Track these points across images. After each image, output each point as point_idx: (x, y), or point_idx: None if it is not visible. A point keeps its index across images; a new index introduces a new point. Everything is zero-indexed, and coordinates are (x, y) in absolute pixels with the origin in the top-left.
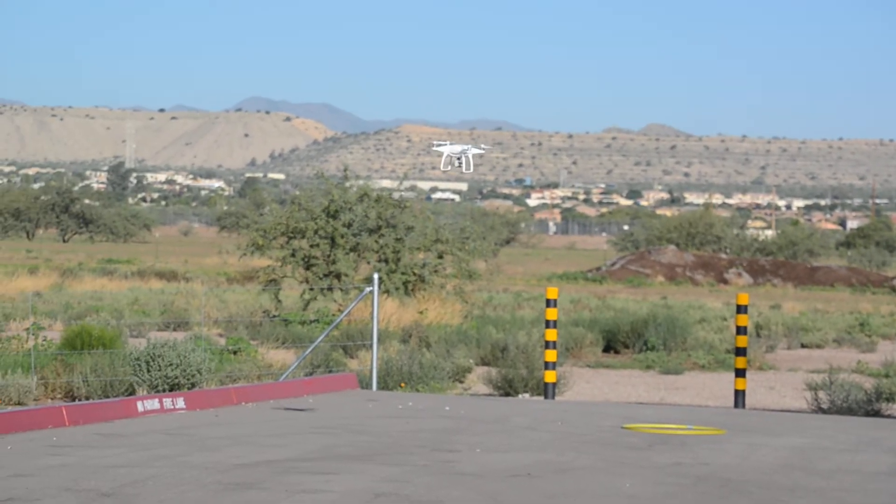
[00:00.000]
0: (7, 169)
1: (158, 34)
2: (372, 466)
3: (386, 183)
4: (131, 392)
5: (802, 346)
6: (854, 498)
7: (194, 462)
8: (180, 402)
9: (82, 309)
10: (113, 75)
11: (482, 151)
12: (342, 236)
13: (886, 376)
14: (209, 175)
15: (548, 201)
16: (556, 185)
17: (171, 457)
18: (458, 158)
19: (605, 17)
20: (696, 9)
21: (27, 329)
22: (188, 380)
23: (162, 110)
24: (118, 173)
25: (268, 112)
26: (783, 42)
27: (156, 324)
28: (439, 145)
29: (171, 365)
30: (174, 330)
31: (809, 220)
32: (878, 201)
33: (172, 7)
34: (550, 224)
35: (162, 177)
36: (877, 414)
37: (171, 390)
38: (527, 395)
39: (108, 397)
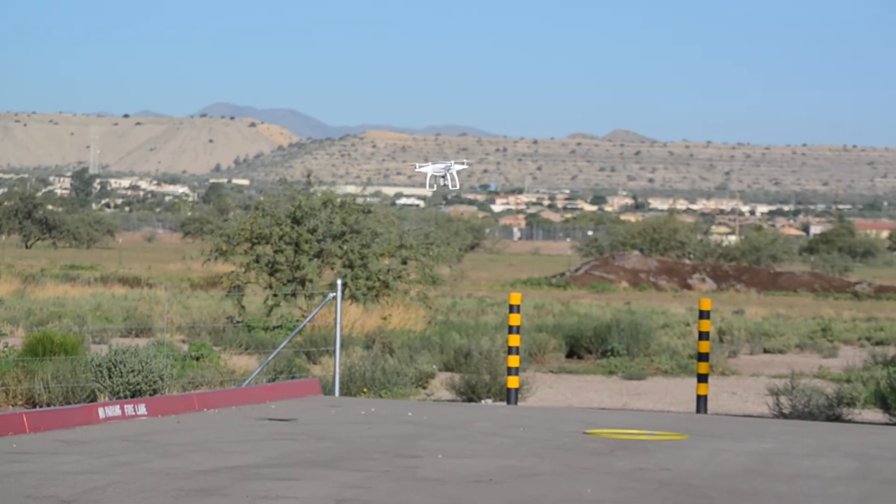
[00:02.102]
0: None
1: (123, 39)
2: (334, 472)
3: (351, 188)
4: (93, 399)
5: (765, 351)
6: (815, 503)
7: (155, 468)
8: (142, 409)
9: (44, 315)
10: (77, 80)
11: (465, 167)
12: (307, 242)
13: (848, 381)
14: (173, 181)
15: (512, 207)
16: (520, 191)
17: (133, 463)
18: (443, 176)
19: (570, 23)
20: (658, 16)
21: None
22: (150, 386)
23: (126, 116)
24: (82, 179)
25: (232, 118)
26: (746, 48)
27: (118, 330)
28: (421, 167)
29: (132, 371)
30: (137, 336)
31: (773, 225)
32: (841, 207)
33: (137, 12)
34: (515, 229)
35: (126, 182)
36: (838, 419)
37: (132, 397)
38: (490, 401)
39: (69, 404)
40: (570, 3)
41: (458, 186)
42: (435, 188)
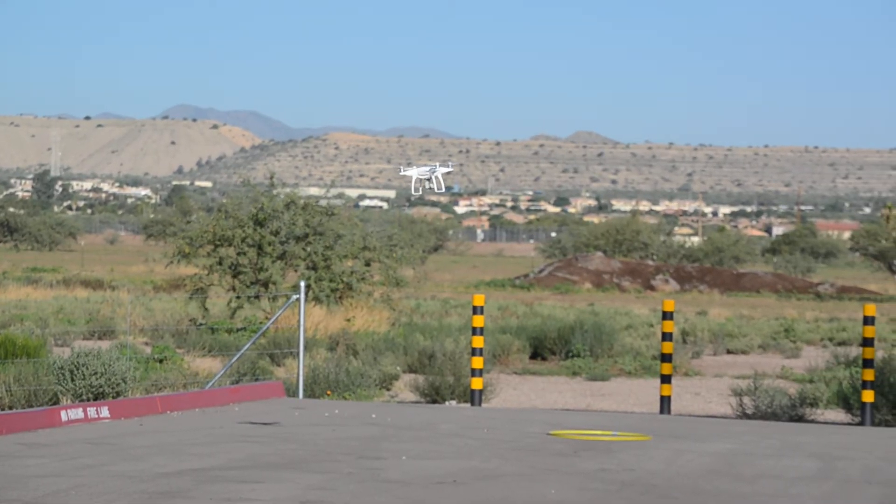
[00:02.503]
0: None
1: (84, 41)
2: (298, 474)
3: (313, 190)
4: (55, 401)
5: (728, 351)
6: (778, 503)
7: (118, 471)
8: (105, 411)
9: (6, 318)
10: (38, 83)
11: (450, 170)
12: (270, 244)
13: (810, 382)
14: (136, 183)
15: (476, 208)
16: (484, 193)
17: (95, 466)
18: (428, 179)
19: (533, 24)
20: (620, 16)
21: None
22: (113, 389)
23: (88, 118)
24: (43, 181)
25: (195, 120)
26: (708, 50)
27: (81, 332)
28: (406, 170)
29: (95, 374)
30: (99, 339)
31: (735, 226)
32: (803, 208)
33: (98, 14)
34: (478, 231)
35: (88, 185)
36: (800, 419)
37: (95, 399)
38: (454, 403)
39: (31, 407)
40: (533, 5)
41: (443, 189)
42: (420, 192)
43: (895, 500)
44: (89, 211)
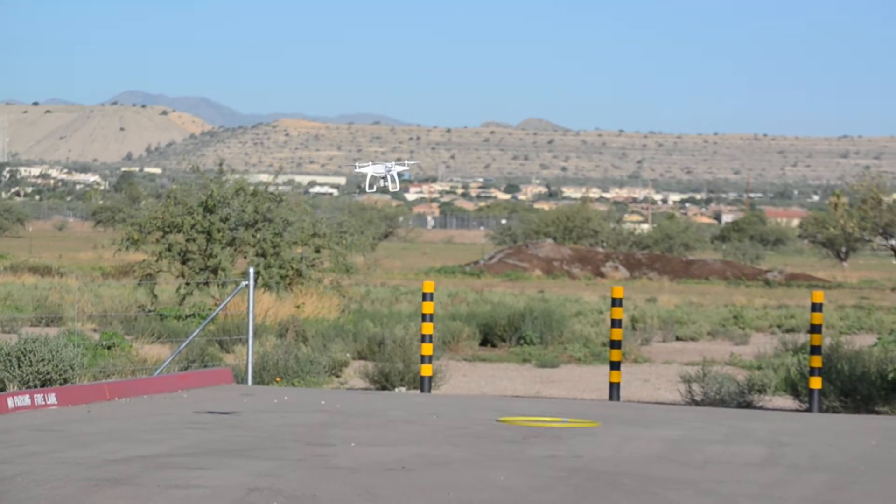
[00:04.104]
0: None
1: (32, 25)
2: (246, 461)
3: (263, 177)
4: (2, 388)
5: (677, 338)
6: (726, 489)
7: (65, 458)
8: (52, 398)
9: None
10: None
11: (406, 168)
12: (219, 231)
13: (759, 368)
14: (84, 169)
15: (426, 195)
16: (434, 180)
17: (42, 453)
18: (384, 177)
19: (482, 11)
20: (569, 3)
21: None
22: (60, 375)
23: (36, 103)
24: None
25: (144, 106)
26: (657, 38)
27: (28, 319)
28: (362, 167)
29: (42, 360)
30: (47, 325)
31: (685, 213)
32: (752, 195)
33: None
34: (429, 218)
35: (36, 171)
36: (749, 406)
37: (42, 386)
38: (403, 389)
39: None
40: None
41: (398, 188)
42: (375, 189)
43: (841, 485)
44: (37, 197)
